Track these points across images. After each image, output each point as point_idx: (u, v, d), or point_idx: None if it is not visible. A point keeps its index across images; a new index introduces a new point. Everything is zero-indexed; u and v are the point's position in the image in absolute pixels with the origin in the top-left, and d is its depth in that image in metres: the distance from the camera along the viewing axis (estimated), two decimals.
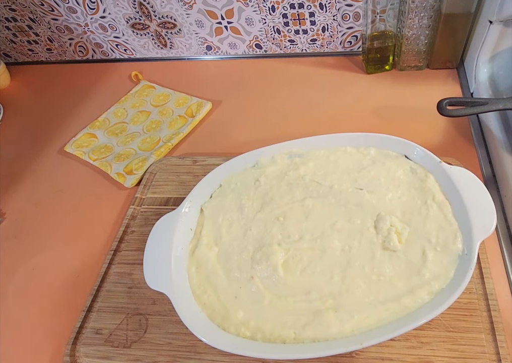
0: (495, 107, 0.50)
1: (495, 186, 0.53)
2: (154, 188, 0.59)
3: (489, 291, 0.42)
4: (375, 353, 0.40)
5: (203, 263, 0.46)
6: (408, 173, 0.49)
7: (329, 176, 0.50)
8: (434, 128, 0.61)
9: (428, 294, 0.39)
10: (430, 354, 0.40)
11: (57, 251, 0.55)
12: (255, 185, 0.51)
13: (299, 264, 0.44)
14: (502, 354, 0.38)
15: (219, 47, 0.80)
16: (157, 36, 0.80)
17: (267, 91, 0.73)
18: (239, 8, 0.71)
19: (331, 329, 0.39)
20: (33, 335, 0.47)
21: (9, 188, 0.64)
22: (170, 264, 0.44)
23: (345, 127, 0.63)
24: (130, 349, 0.44)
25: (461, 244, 0.41)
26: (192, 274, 0.45)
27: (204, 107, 0.70)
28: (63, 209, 0.60)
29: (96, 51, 0.85)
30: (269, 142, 0.54)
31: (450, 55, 0.68)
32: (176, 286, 0.43)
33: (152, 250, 0.46)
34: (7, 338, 0.48)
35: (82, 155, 0.66)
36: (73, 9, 0.76)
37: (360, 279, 0.41)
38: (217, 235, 0.48)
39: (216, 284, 0.44)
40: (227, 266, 0.45)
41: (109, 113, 0.73)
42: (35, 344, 0.47)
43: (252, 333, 0.40)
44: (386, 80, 0.70)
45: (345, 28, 0.72)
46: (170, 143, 0.65)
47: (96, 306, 0.48)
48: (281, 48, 0.78)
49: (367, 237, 0.44)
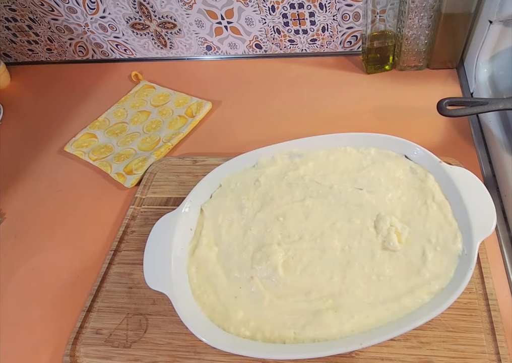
0: (495, 107, 0.50)
1: (495, 186, 0.53)
2: (154, 188, 0.59)
3: (489, 291, 0.42)
4: (374, 353, 0.40)
5: (203, 263, 0.46)
6: (408, 173, 0.49)
7: (329, 176, 0.50)
8: (434, 128, 0.61)
9: (427, 294, 0.39)
10: (430, 354, 0.40)
11: (57, 251, 0.55)
12: (255, 185, 0.51)
13: (299, 264, 0.44)
14: (502, 354, 0.38)
15: (219, 47, 0.80)
16: (157, 36, 0.80)
17: (267, 91, 0.73)
18: (239, 8, 0.71)
19: (331, 329, 0.39)
20: (33, 335, 0.47)
21: (9, 188, 0.64)
22: (170, 265, 0.44)
23: (345, 127, 0.63)
24: (130, 349, 0.44)
25: (461, 244, 0.41)
26: (192, 274, 0.45)
27: (204, 107, 0.70)
28: (63, 209, 0.60)
29: (95, 51, 0.85)
30: (269, 142, 0.54)
31: (450, 55, 0.68)
32: (176, 286, 0.43)
33: (152, 250, 0.46)
34: (7, 338, 0.48)
35: (82, 155, 0.66)
36: (73, 9, 0.76)
37: (360, 279, 0.41)
38: (217, 235, 0.48)
39: (216, 284, 0.44)
40: (227, 266, 0.45)
41: (109, 113, 0.73)
42: (35, 344, 0.47)
43: (252, 333, 0.40)
44: (386, 80, 0.70)
45: (345, 28, 0.72)
46: (170, 143, 0.65)
47: (96, 306, 0.48)
48: (281, 48, 0.78)
49: (367, 237, 0.44)
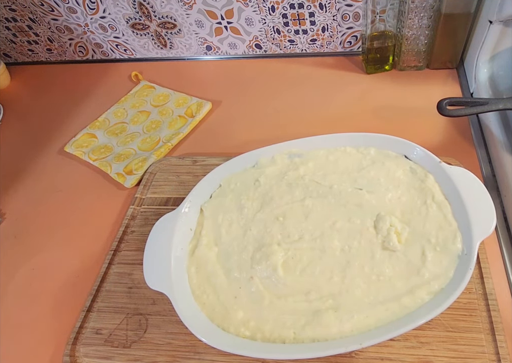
0: (495, 107, 0.51)
1: (495, 186, 0.53)
2: (154, 188, 0.59)
3: (489, 291, 0.42)
4: (374, 353, 0.40)
5: (203, 264, 0.46)
6: (408, 173, 0.49)
7: (329, 176, 0.50)
8: (434, 128, 0.61)
9: (427, 294, 0.39)
10: (429, 354, 0.40)
11: (57, 251, 0.55)
12: (255, 185, 0.51)
13: (298, 264, 0.44)
14: (501, 354, 0.38)
15: (219, 47, 0.80)
16: (157, 36, 0.80)
17: (267, 91, 0.73)
18: (239, 8, 0.71)
19: (331, 329, 0.39)
20: (33, 335, 0.48)
21: (9, 188, 0.64)
22: (169, 265, 0.44)
23: (345, 127, 0.62)
24: (130, 349, 0.44)
25: (461, 244, 0.41)
26: (192, 274, 0.45)
27: (204, 107, 0.70)
28: (63, 209, 0.60)
29: (95, 51, 0.85)
30: (269, 142, 0.54)
31: (450, 55, 0.68)
32: (176, 286, 0.43)
33: (152, 250, 0.46)
34: (7, 338, 0.48)
35: (82, 155, 0.66)
36: (73, 9, 0.76)
37: (360, 279, 0.41)
38: (217, 235, 0.48)
39: (216, 284, 0.44)
40: (227, 267, 0.45)
41: (109, 113, 0.73)
42: (35, 344, 0.47)
43: (252, 333, 0.40)
44: (386, 80, 0.70)
45: (345, 29, 0.72)
46: (169, 143, 0.65)
47: (96, 306, 0.48)
48: (281, 48, 0.78)
49: (367, 237, 0.44)
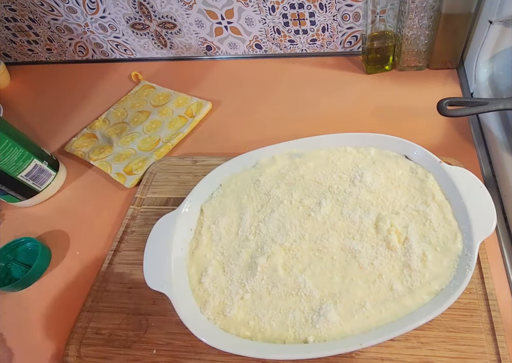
0: (495, 107, 0.50)
1: (495, 186, 0.53)
2: (154, 188, 0.59)
3: (489, 291, 0.42)
4: (375, 353, 0.40)
5: (203, 264, 0.46)
6: (408, 173, 0.49)
7: (329, 176, 0.50)
8: (434, 128, 0.61)
9: (428, 294, 0.39)
10: (430, 354, 0.40)
11: (57, 251, 0.55)
12: (255, 185, 0.51)
13: (299, 264, 0.44)
14: (502, 354, 0.38)
15: (219, 47, 0.80)
16: (157, 36, 0.80)
17: (267, 91, 0.73)
18: (239, 8, 0.71)
19: (331, 330, 0.39)
20: (33, 335, 0.47)
21: None
22: (170, 265, 0.44)
23: (345, 127, 0.62)
24: (130, 349, 0.44)
25: (461, 244, 0.41)
26: (192, 274, 0.45)
27: (204, 107, 0.70)
28: (63, 210, 0.60)
29: (95, 51, 0.85)
30: (269, 142, 0.54)
31: (450, 55, 0.68)
32: (176, 286, 0.43)
33: (152, 250, 0.46)
34: (7, 338, 0.48)
35: (82, 155, 0.66)
36: (73, 9, 0.76)
37: (360, 279, 0.41)
38: (217, 235, 0.48)
39: (216, 284, 0.44)
40: (227, 266, 0.45)
41: (109, 113, 0.73)
42: (35, 344, 0.47)
43: (252, 333, 0.40)
44: (386, 81, 0.70)
45: (345, 29, 0.72)
46: (170, 143, 0.65)
47: (96, 306, 0.48)
48: (281, 48, 0.78)
49: (367, 237, 0.44)
